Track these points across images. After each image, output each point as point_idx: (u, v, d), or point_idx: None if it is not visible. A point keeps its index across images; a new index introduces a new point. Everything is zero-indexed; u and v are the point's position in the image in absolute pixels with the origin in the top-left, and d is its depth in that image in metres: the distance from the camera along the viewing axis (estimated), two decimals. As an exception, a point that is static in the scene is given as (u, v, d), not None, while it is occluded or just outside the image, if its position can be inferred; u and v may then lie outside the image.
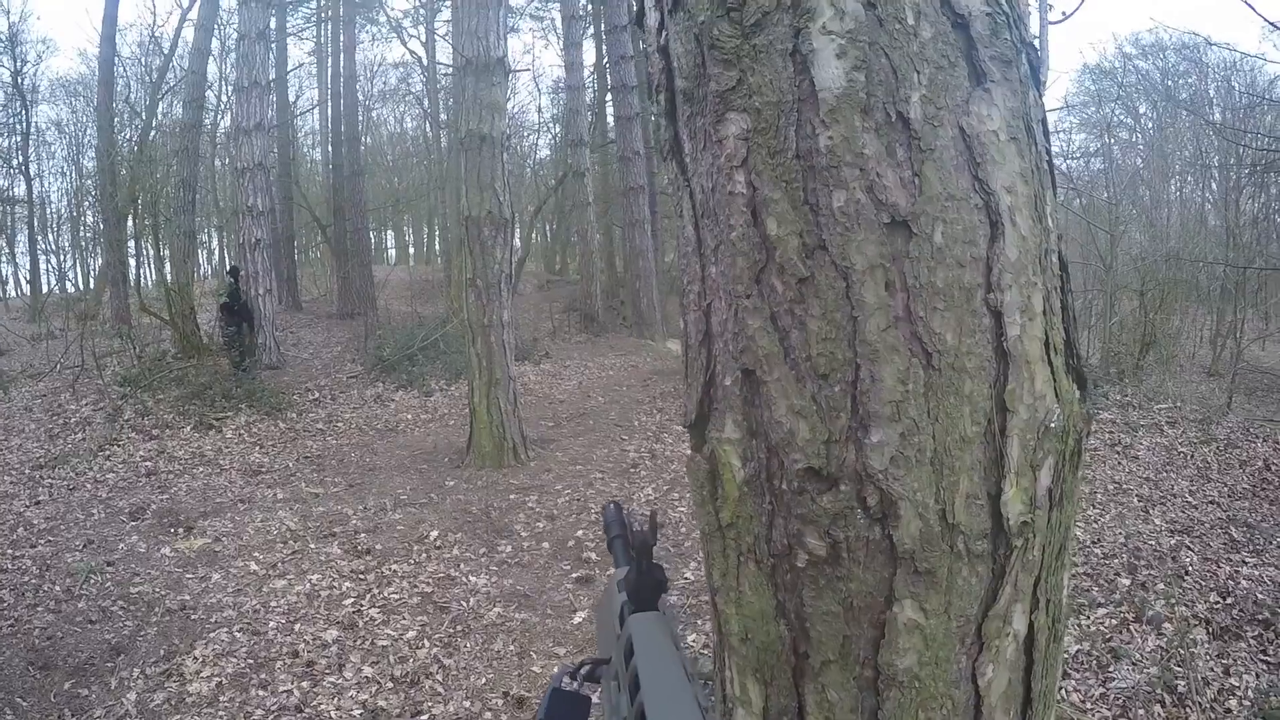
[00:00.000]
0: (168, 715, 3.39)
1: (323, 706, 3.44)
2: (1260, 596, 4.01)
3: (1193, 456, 6.64)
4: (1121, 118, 17.96)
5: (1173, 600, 3.93)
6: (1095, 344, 12.17)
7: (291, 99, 17.84)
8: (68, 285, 21.51)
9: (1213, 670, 3.42)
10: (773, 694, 0.90)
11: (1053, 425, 0.82)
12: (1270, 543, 4.80)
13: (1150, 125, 17.92)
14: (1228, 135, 13.38)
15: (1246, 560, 4.51)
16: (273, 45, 14.84)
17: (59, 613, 4.32)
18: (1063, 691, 3.30)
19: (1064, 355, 0.85)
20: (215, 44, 15.65)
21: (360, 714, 3.37)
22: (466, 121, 7.02)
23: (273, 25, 13.74)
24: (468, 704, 3.43)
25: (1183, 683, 3.24)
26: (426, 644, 3.94)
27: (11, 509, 5.99)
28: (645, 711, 0.52)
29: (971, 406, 0.78)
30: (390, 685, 3.59)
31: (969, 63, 0.78)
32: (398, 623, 4.17)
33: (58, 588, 4.64)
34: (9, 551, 5.19)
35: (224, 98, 17.53)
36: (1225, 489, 5.93)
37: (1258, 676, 3.38)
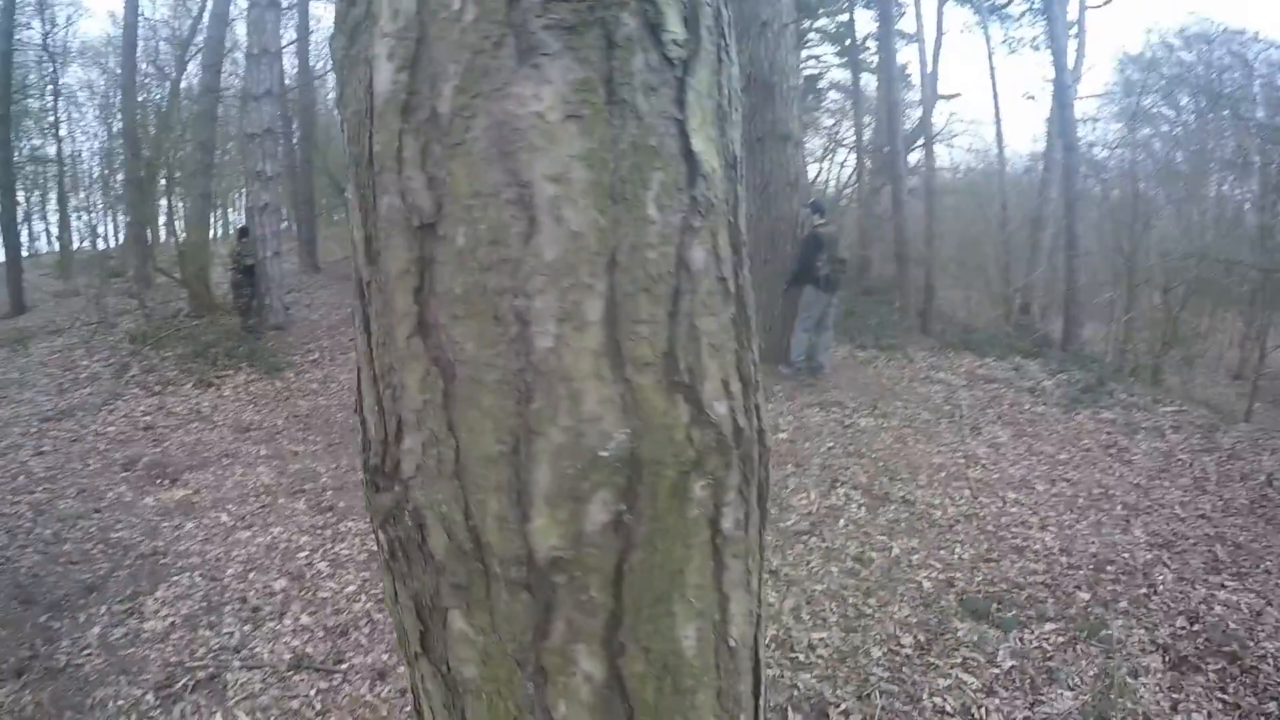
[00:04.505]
0: (123, 648, 3.58)
1: (258, 649, 3.58)
2: (1232, 626, 3.63)
3: (1191, 465, 6.33)
4: (1161, 109, 17.09)
5: (1132, 623, 3.63)
6: (1114, 338, 11.73)
7: (313, 63, 17.63)
8: (98, 243, 22.07)
9: (1158, 705, 3.08)
10: (410, 671, 0.92)
11: (606, 454, 0.72)
12: (1257, 566, 4.31)
13: (1191, 119, 17.07)
14: (1269, 136, 12.70)
15: (1226, 583, 4.10)
16: (295, 6, 14.86)
17: (46, 554, 4.52)
18: (983, 710, 3.04)
19: (661, 372, 0.73)
20: (235, 9, 15.52)
21: (289, 658, 3.49)
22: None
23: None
24: (385, 657, 3.49)
25: (1117, 716, 2.96)
26: (363, 599, 4.02)
27: (16, 458, 6.21)
28: None
29: (495, 423, 0.72)
30: (322, 634, 3.69)
31: (518, 38, 0.68)
32: (342, 576, 4.26)
33: (48, 531, 4.83)
34: (8, 497, 5.40)
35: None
36: (1220, 503, 5.55)
37: (1209, 716, 3.02)
